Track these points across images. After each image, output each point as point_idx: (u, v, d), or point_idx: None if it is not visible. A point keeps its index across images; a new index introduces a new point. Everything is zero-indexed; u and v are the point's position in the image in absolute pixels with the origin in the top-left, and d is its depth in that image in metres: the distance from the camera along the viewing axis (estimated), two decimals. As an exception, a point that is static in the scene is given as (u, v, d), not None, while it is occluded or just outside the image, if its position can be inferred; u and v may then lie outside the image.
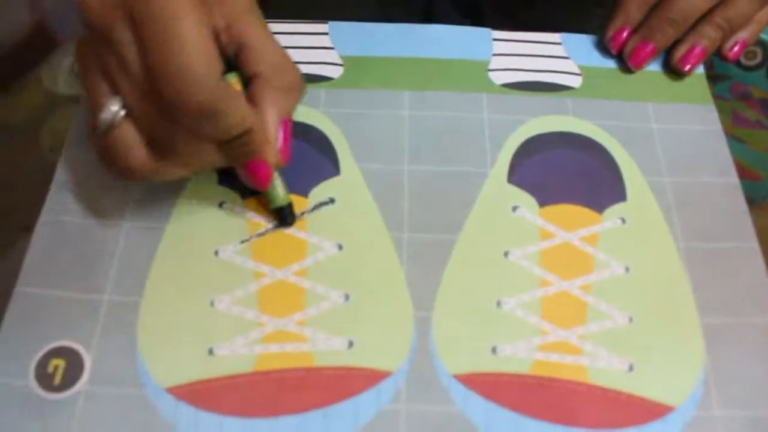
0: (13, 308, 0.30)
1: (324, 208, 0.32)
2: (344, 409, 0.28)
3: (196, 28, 0.26)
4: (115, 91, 0.28)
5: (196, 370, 0.28)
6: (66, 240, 0.31)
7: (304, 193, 0.33)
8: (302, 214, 0.32)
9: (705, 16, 0.37)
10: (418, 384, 0.28)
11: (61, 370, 0.28)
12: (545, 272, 0.31)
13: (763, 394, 0.29)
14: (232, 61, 0.30)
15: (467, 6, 0.52)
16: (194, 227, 0.32)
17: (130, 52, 0.27)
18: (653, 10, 0.37)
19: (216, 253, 0.31)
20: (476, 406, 0.28)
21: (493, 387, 0.28)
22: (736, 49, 0.38)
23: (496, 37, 0.39)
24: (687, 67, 0.37)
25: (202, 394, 0.28)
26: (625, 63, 0.38)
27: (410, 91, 0.36)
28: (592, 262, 0.31)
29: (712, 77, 0.37)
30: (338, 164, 0.34)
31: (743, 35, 0.38)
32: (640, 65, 0.37)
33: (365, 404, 0.28)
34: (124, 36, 0.27)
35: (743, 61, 0.80)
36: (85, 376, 0.28)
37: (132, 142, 0.28)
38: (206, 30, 0.27)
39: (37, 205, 0.33)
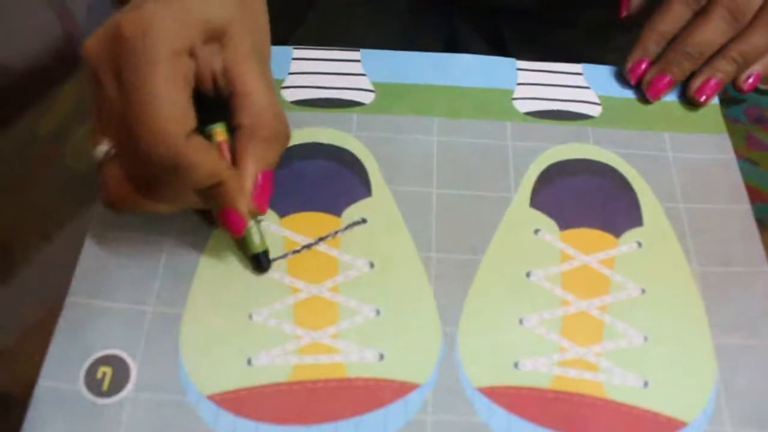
0: (65, 317, 0.31)
1: (356, 228, 0.34)
2: (374, 418, 0.29)
3: (169, 84, 0.27)
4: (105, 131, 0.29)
5: (235, 378, 0.30)
6: (113, 254, 0.33)
7: (338, 213, 0.35)
8: (336, 233, 0.34)
9: (720, 50, 0.38)
10: (444, 396, 0.30)
11: (108, 377, 0.30)
12: (565, 292, 0.33)
13: (764, 411, 0.30)
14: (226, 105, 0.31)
15: (489, 32, 0.54)
16: (232, 243, 0.34)
17: (114, 99, 0.28)
18: (670, 43, 0.39)
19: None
20: (499, 418, 0.29)
21: (515, 399, 0.30)
22: (750, 81, 0.39)
23: (521, 66, 0.41)
24: (702, 98, 0.39)
25: (241, 402, 0.30)
26: (643, 93, 0.39)
27: (439, 118, 0.38)
28: (609, 283, 0.33)
29: (726, 101, 0.39)
30: (370, 186, 0.36)
31: (757, 68, 0.39)
32: (657, 96, 0.39)
33: (394, 414, 0.29)
34: (110, 83, 0.28)
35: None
36: (131, 382, 0.30)
37: (117, 179, 0.30)
38: (180, 83, 0.28)
39: (57, 214, 0.35)
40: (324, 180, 0.35)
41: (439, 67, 0.40)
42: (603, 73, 0.41)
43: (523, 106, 0.39)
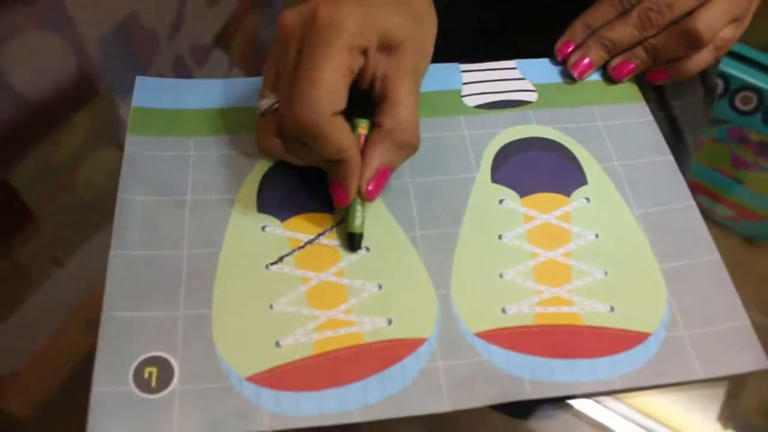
0: (104, 330, 0.34)
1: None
2: (393, 372, 0.34)
3: (335, 71, 0.34)
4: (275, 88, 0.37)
5: (268, 359, 0.34)
6: (136, 269, 0.37)
7: (330, 211, 0.40)
8: (332, 227, 0.39)
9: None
10: (448, 345, 0.35)
11: (155, 375, 0.34)
12: (533, 247, 0.39)
13: (714, 314, 0.36)
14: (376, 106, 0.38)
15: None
16: (244, 248, 0.38)
17: (291, 66, 0.35)
18: (593, 32, 0.46)
19: (267, 266, 0.38)
20: (497, 355, 0.35)
21: (508, 338, 0.35)
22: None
23: (463, 69, 0.47)
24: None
25: (277, 378, 0.34)
26: (571, 77, 0.46)
27: None
28: (568, 234, 0.39)
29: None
30: None
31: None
32: (581, 76, 0.46)
33: (410, 366, 0.34)
34: (292, 52, 0.36)
35: (740, 106, 0.86)
36: (176, 377, 0.34)
37: (271, 129, 0.38)
38: (342, 73, 0.34)
39: (68, 240, 0.37)
40: (315, 184, 0.40)
41: None
42: (534, 65, 0.48)
43: (471, 102, 0.45)
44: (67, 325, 0.36)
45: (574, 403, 0.36)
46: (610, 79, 0.47)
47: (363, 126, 0.38)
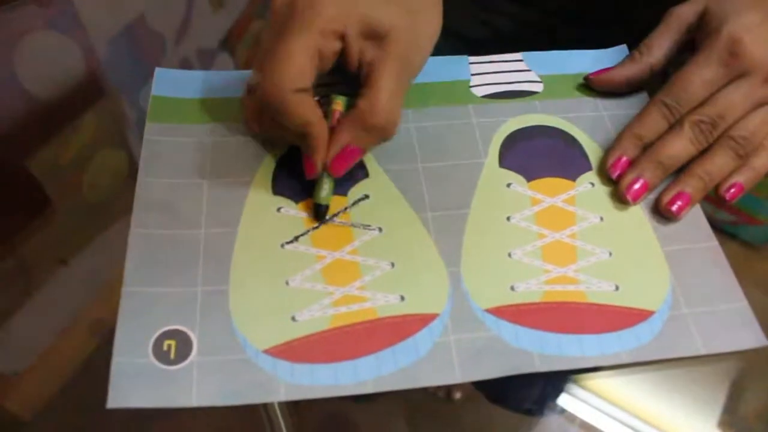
0: (124, 305, 0.36)
1: (361, 203, 0.41)
2: (407, 346, 0.35)
3: (302, 50, 0.35)
4: None
5: (284, 333, 0.36)
6: (156, 248, 0.38)
7: (344, 193, 0.41)
8: (345, 209, 0.40)
9: (688, 167, 0.41)
10: (459, 320, 0.36)
11: (174, 348, 0.35)
12: (540, 228, 0.40)
13: (715, 295, 0.38)
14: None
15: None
16: (261, 228, 0.39)
17: (268, 43, 0.37)
18: (646, 149, 0.42)
19: (282, 245, 0.39)
20: (506, 329, 0.36)
21: (517, 314, 0.37)
22: (732, 191, 0.41)
23: (471, 61, 0.49)
24: (674, 208, 0.40)
25: (293, 351, 0.35)
26: (576, 68, 0.48)
27: (411, 109, 0.45)
28: (574, 216, 0.41)
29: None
30: (367, 169, 0.42)
31: (740, 179, 0.41)
32: (636, 199, 0.41)
33: (422, 340, 0.36)
34: (272, 33, 0.37)
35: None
36: (194, 350, 0.35)
37: (252, 105, 0.41)
38: (311, 54, 0.36)
39: (73, 240, 0.38)
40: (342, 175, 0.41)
41: None
42: (539, 57, 0.49)
43: (479, 92, 0.47)
44: (71, 326, 0.37)
45: (573, 408, 0.37)
46: (661, 213, 0.41)
47: (338, 102, 0.40)
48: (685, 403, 0.37)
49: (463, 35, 0.57)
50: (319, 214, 0.40)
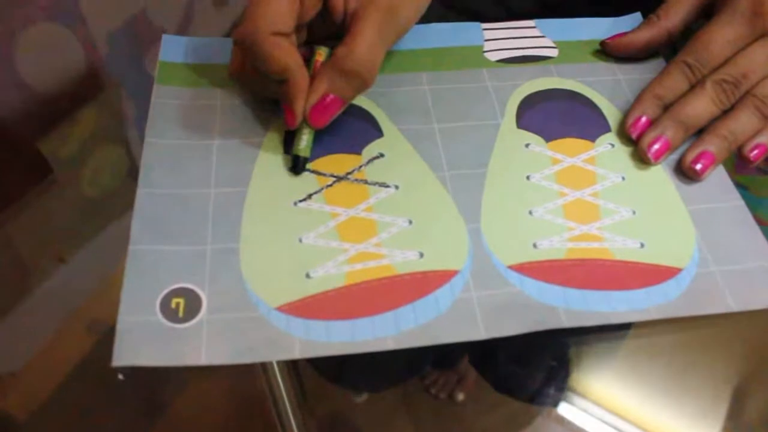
0: (131, 263, 0.34)
1: (376, 161, 0.39)
2: (427, 302, 0.34)
3: None
4: None
5: (298, 290, 0.34)
6: (163, 207, 0.36)
7: (358, 152, 0.40)
8: (360, 167, 0.39)
9: (711, 127, 0.40)
10: (481, 276, 0.35)
11: (182, 306, 0.33)
12: (561, 186, 0.39)
13: (743, 253, 0.37)
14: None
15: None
16: (272, 187, 0.38)
17: None
18: (666, 108, 0.41)
19: (295, 203, 0.37)
20: (530, 285, 0.35)
21: (540, 270, 0.35)
22: (756, 152, 0.40)
23: (485, 27, 0.48)
24: (698, 167, 0.39)
25: (307, 307, 0.33)
26: (591, 35, 0.47)
27: (426, 72, 0.44)
28: (595, 175, 0.39)
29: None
30: (380, 128, 0.41)
31: (764, 139, 0.40)
32: (658, 158, 0.40)
33: (443, 296, 0.34)
34: None
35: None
36: (204, 308, 0.33)
37: (237, 57, 0.40)
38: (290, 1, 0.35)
39: (73, 238, 0.37)
40: (338, 127, 0.40)
41: (417, 35, 0.47)
42: (553, 24, 0.48)
43: (493, 56, 0.46)
44: (69, 325, 0.35)
45: (573, 416, 0.36)
46: (684, 173, 0.40)
47: (320, 53, 0.39)
48: (688, 410, 0.36)
49: (479, 13, 0.56)
50: (297, 166, 0.38)
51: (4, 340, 0.35)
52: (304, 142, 0.38)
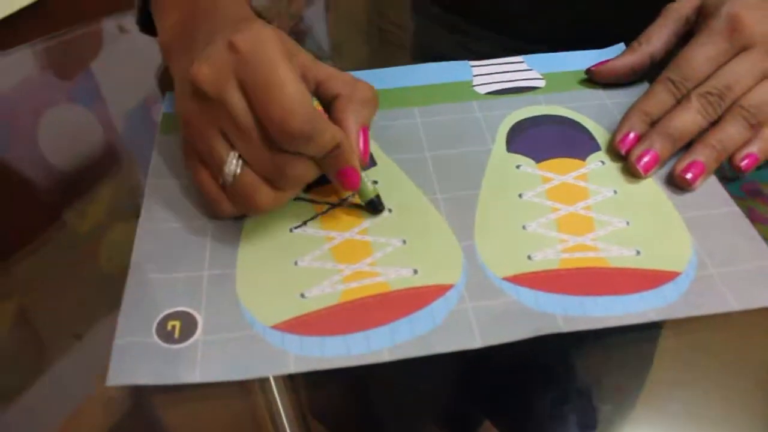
0: (129, 290, 0.35)
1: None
2: (423, 315, 0.34)
3: (290, 71, 0.32)
4: (231, 146, 0.35)
5: (293, 309, 0.34)
6: (163, 239, 0.37)
7: None
8: (354, 194, 0.40)
9: (700, 138, 0.41)
10: (476, 288, 0.35)
11: (178, 328, 0.33)
12: (554, 202, 0.39)
13: (741, 255, 0.36)
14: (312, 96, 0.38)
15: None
16: (269, 215, 0.39)
17: (241, 109, 0.33)
18: (654, 124, 0.42)
19: (291, 230, 0.38)
20: (526, 295, 0.34)
21: (535, 280, 0.35)
22: (746, 161, 0.40)
23: (473, 65, 0.50)
24: (689, 176, 0.39)
25: (302, 324, 0.33)
26: (577, 66, 0.48)
27: (418, 107, 0.46)
28: (587, 191, 0.40)
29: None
30: (374, 158, 0.42)
31: (753, 149, 0.40)
32: (648, 171, 0.40)
33: (438, 309, 0.34)
34: (234, 96, 0.33)
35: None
36: (199, 329, 0.33)
37: (256, 184, 0.35)
38: (297, 73, 0.33)
39: (89, 315, 0.37)
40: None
41: (408, 74, 0.49)
42: (540, 58, 0.50)
43: (482, 90, 0.47)
44: (85, 405, 0.35)
45: None
46: (675, 183, 0.40)
47: (317, 104, 0.39)
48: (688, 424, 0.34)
49: (443, 57, 0.58)
50: (378, 206, 0.39)
51: (20, 419, 0.35)
52: (369, 183, 0.38)
